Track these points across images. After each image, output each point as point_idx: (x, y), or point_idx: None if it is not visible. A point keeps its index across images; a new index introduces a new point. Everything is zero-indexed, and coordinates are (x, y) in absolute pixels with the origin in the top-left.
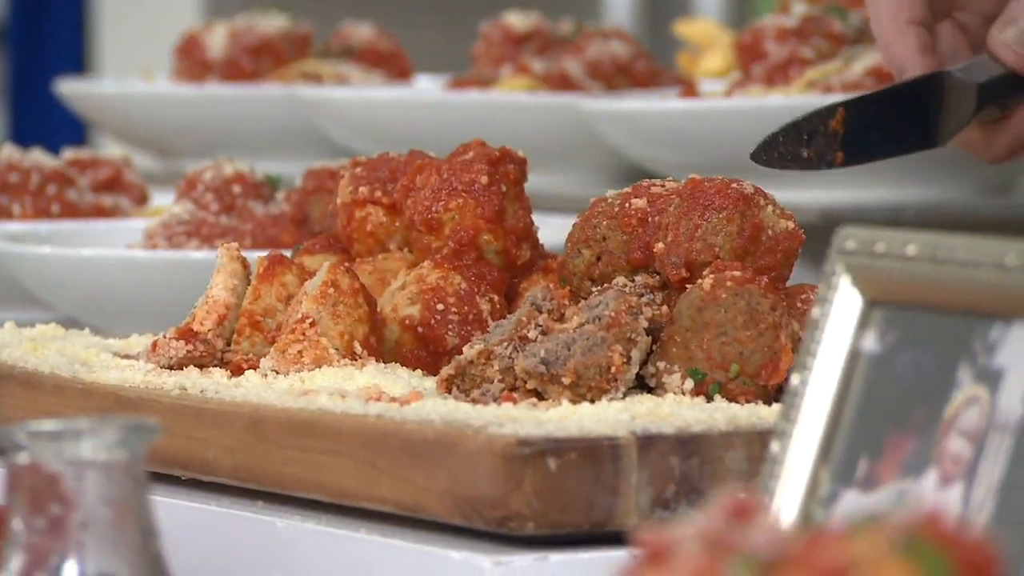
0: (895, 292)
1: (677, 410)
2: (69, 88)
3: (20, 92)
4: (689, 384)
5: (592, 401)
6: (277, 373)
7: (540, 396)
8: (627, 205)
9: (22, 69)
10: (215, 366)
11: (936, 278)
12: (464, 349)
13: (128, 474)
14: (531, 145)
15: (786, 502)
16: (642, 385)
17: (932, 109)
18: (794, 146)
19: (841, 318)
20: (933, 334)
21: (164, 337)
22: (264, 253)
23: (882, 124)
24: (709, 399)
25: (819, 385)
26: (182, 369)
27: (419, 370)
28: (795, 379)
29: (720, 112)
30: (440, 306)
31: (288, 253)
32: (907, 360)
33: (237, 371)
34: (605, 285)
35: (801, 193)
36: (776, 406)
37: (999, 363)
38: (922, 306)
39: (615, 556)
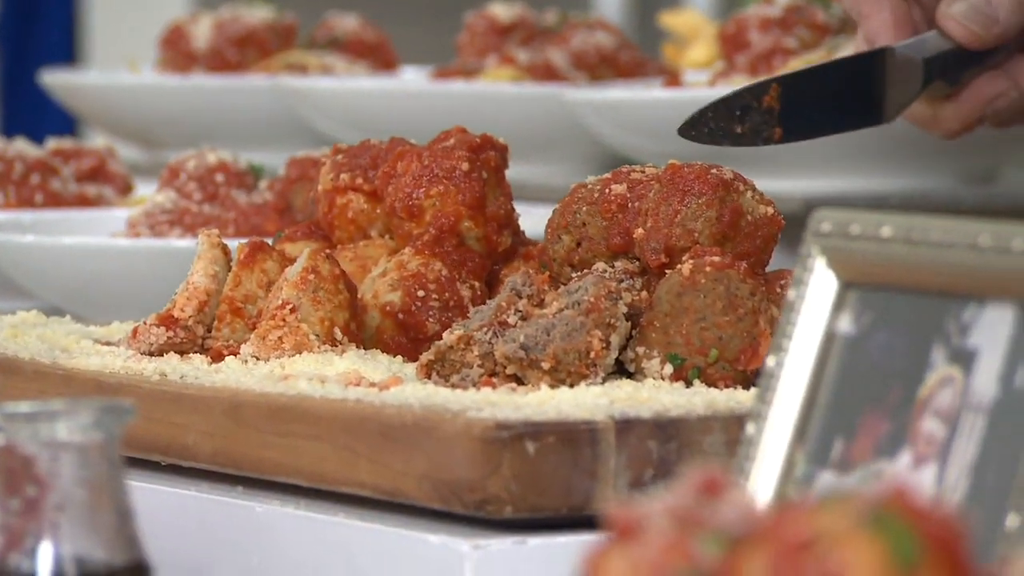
0: (870, 274)
1: (656, 395)
2: (55, 80)
3: (11, 86)
4: (668, 369)
5: (571, 386)
6: (257, 359)
7: (520, 381)
8: (607, 191)
9: (13, 63)
10: (195, 353)
11: (911, 259)
12: (444, 335)
13: (103, 456)
14: (515, 135)
15: (762, 484)
16: (622, 370)
17: (876, 85)
18: (726, 121)
19: (816, 300)
20: (908, 315)
21: (144, 324)
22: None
23: (822, 100)
24: (688, 384)
25: (794, 367)
26: (162, 355)
27: (399, 356)
28: (770, 361)
29: (703, 102)
30: (421, 292)
31: (270, 241)
32: (882, 341)
33: (217, 357)
34: (585, 271)
35: (783, 182)
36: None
37: (972, 344)
38: (897, 287)
39: (593, 540)
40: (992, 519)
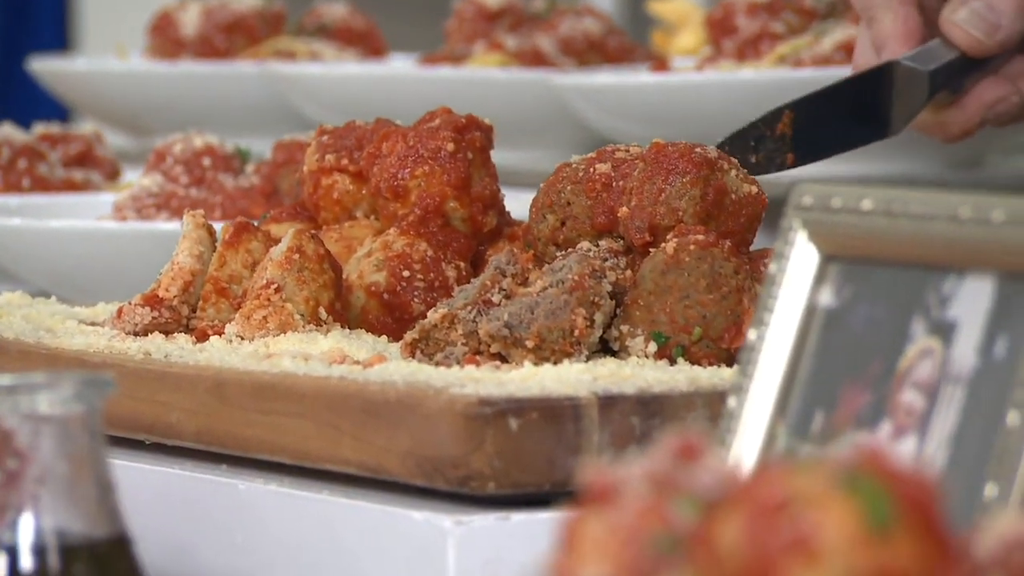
0: (851, 247)
1: (639, 371)
2: (45, 67)
3: (4, 73)
4: (652, 347)
5: (555, 364)
6: (242, 339)
7: (504, 360)
8: (591, 170)
9: (6, 50)
10: (180, 333)
11: (891, 232)
12: (428, 313)
13: (84, 428)
14: (503, 120)
15: (743, 457)
16: (606, 349)
17: (883, 100)
18: (741, 153)
19: (798, 273)
20: (888, 288)
21: (129, 304)
22: None
23: (832, 120)
24: (672, 362)
25: (775, 340)
26: (147, 335)
27: (384, 336)
28: (752, 335)
29: (691, 86)
30: (406, 273)
31: (256, 223)
32: (862, 314)
33: (202, 337)
34: (569, 250)
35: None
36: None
37: (952, 315)
38: (877, 260)
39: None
40: (971, 489)
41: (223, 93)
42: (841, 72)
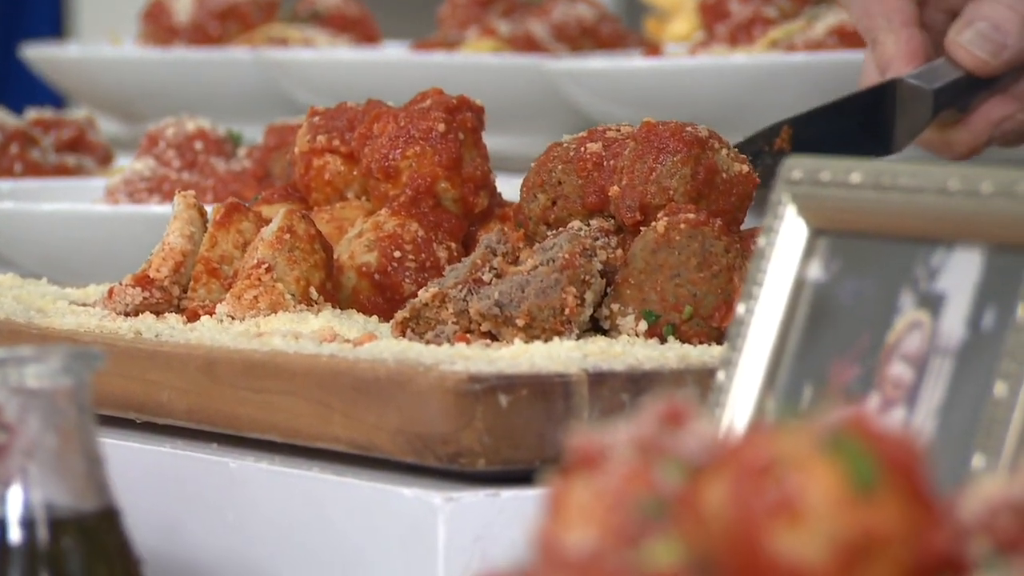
0: (840, 220)
1: (629, 349)
2: (38, 54)
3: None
4: (643, 326)
5: (545, 342)
6: (233, 318)
7: (494, 339)
8: (582, 149)
9: (1, 37)
10: (171, 313)
11: (880, 205)
12: (419, 292)
13: (73, 402)
14: (496, 106)
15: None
16: (597, 328)
17: (886, 117)
18: None
19: (786, 247)
20: (877, 261)
21: (120, 284)
22: None
23: (832, 137)
24: (663, 341)
25: (764, 314)
26: (138, 316)
27: (375, 316)
28: (741, 308)
29: (684, 71)
30: (397, 253)
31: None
32: (851, 287)
33: (193, 317)
34: (560, 229)
35: None
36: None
37: (941, 288)
38: (866, 234)
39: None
40: (959, 460)
41: (216, 80)
42: (834, 57)
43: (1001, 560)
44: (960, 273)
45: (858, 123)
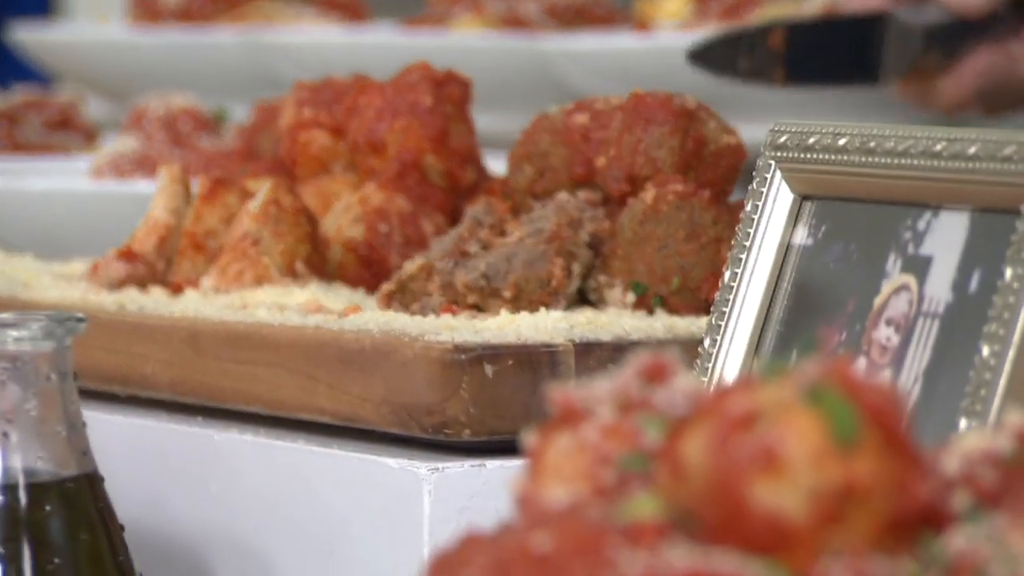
0: (827, 185)
1: (617, 320)
2: (26, 33)
3: None
4: (631, 297)
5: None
6: (218, 291)
7: (481, 311)
8: (569, 121)
9: None
10: (156, 287)
11: (867, 168)
12: (405, 264)
13: (54, 367)
14: (486, 85)
15: None
16: (585, 300)
17: (875, 48)
18: (732, 54)
19: (773, 213)
20: (863, 225)
21: (104, 258)
22: None
23: (824, 53)
24: (651, 312)
25: (751, 280)
26: (122, 289)
27: (361, 289)
28: (727, 275)
29: (675, 50)
30: (383, 227)
31: None
32: (837, 252)
33: (178, 291)
34: (547, 200)
35: (752, 128)
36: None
37: (927, 251)
38: (853, 198)
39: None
40: (944, 424)
41: (205, 59)
42: None
43: (982, 513)
44: (946, 236)
45: (850, 46)
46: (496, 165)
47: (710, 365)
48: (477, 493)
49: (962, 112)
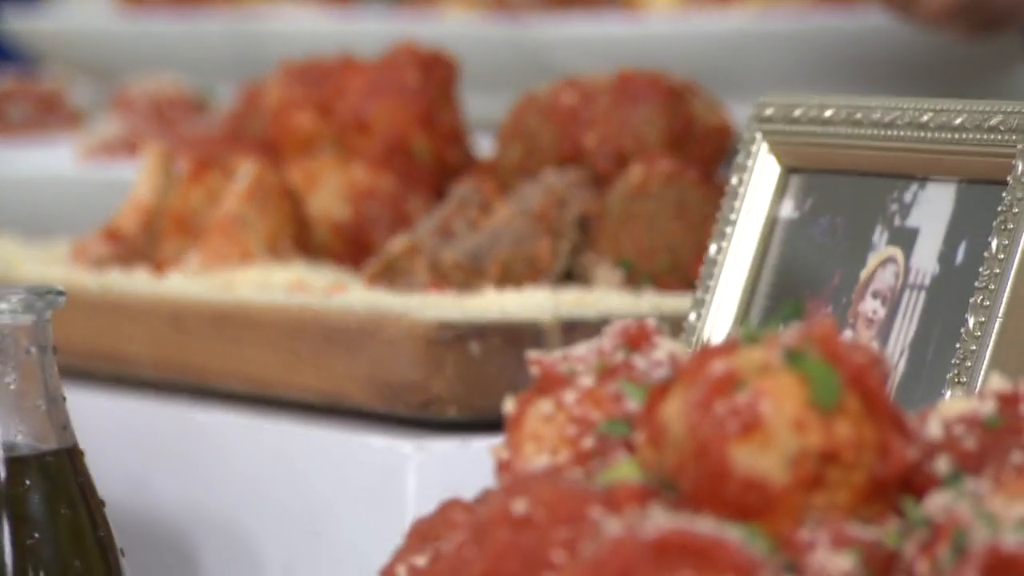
0: (813, 158)
1: (603, 298)
2: (13, 17)
3: None
4: (619, 275)
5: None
6: (203, 270)
7: (467, 290)
8: (557, 99)
9: None
10: (140, 266)
11: (853, 140)
12: (390, 243)
13: (33, 340)
14: (474, 68)
15: None
16: (573, 278)
17: None
18: None
19: (759, 186)
20: (850, 198)
21: (89, 238)
22: None
23: None
24: (639, 290)
25: (737, 253)
26: (106, 269)
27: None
28: (712, 249)
29: (666, 33)
30: (370, 207)
31: None
32: (824, 225)
33: (162, 270)
34: (534, 179)
35: (743, 107)
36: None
37: (914, 223)
38: (839, 170)
39: None
40: (931, 395)
41: (192, 43)
42: (821, 20)
43: (963, 477)
44: (933, 208)
45: None
46: (485, 148)
47: (695, 339)
48: (462, 471)
49: (945, 25)
